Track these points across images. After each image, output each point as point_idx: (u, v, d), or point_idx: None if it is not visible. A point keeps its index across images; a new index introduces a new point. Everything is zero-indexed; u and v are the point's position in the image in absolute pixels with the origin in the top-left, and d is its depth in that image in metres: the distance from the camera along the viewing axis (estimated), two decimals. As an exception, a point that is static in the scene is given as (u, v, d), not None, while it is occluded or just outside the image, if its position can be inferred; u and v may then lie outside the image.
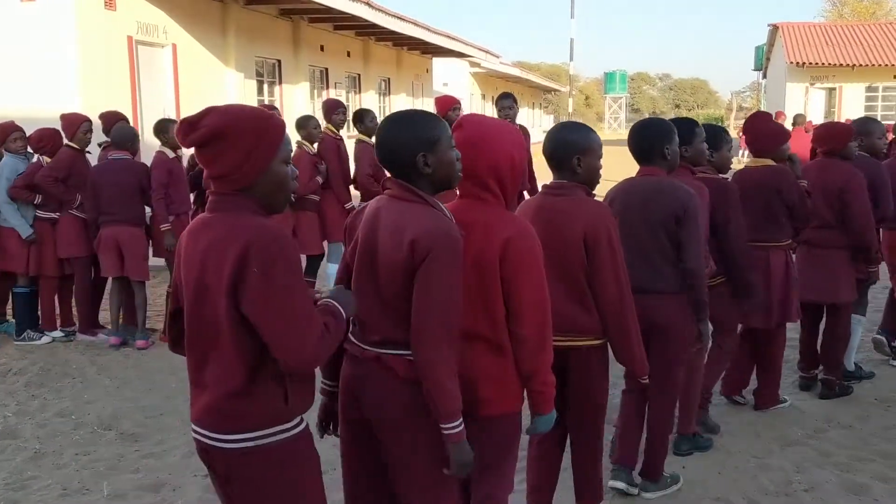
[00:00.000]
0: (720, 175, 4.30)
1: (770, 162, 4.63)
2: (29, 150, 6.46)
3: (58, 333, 6.54)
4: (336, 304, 2.19)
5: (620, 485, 3.75)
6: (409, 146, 2.31)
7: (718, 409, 4.77)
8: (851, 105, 27.55)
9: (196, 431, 2.15)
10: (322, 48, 18.81)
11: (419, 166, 2.31)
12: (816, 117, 25.59)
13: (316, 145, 6.95)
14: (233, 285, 1.98)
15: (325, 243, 7.10)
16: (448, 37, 23.19)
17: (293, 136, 7.07)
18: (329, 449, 2.78)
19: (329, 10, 15.42)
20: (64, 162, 6.29)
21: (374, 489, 2.48)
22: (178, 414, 4.87)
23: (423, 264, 2.22)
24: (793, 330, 5.22)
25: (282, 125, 2.12)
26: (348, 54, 20.53)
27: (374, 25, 17.93)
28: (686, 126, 4.04)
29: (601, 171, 3.12)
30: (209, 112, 2.07)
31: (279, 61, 16.96)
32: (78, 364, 5.98)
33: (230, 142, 2.03)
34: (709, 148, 4.17)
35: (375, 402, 2.35)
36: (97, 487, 3.98)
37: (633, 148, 3.71)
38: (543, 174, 3.86)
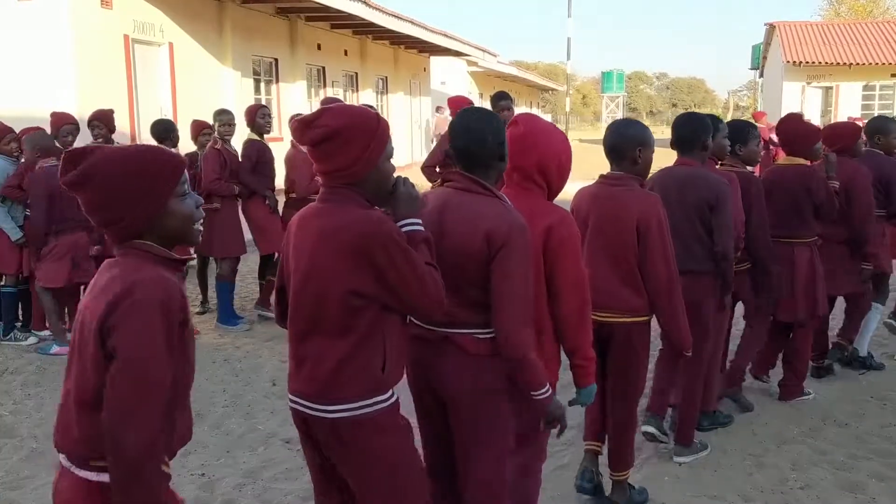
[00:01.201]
0: (746, 168, 4.53)
1: (801, 161, 4.82)
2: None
3: (45, 333, 6.49)
4: (422, 244, 2.32)
5: (651, 429, 4.05)
6: (487, 142, 2.52)
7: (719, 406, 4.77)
8: (848, 104, 27.57)
9: (296, 402, 2.34)
10: (319, 47, 18.80)
11: (494, 161, 2.55)
12: (813, 116, 25.63)
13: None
14: (350, 270, 2.19)
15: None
16: (446, 35, 23.18)
17: (287, 135, 7.09)
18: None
19: (326, 8, 15.41)
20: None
21: (445, 453, 2.68)
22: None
23: (500, 253, 2.42)
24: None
25: (387, 125, 2.32)
26: (345, 53, 20.52)
27: (372, 24, 17.92)
28: (743, 127, 4.50)
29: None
30: (324, 112, 2.25)
31: (276, 60, 16.95)
32: (74, 363, 5.95)
33: (345, 140, 2.22)
34: (737, 142, 4.45)
35: (445, 377, 2.56)
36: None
37: (675, 138, 4.01)
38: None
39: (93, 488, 1.86)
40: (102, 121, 6.80)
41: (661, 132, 22.40)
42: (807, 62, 27.70)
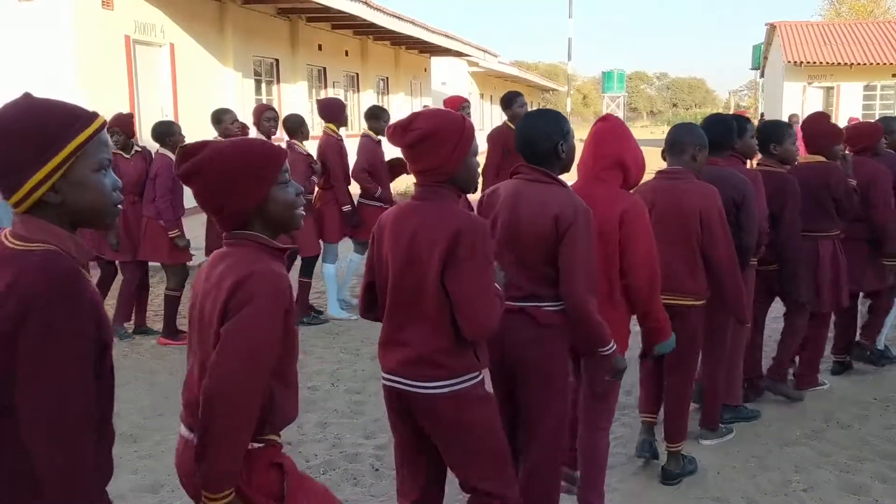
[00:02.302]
0: (782, 167, 4.64)
1: (822, 158, 4.93)
2: None
3: None
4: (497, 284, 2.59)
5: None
6: (551, 137, 2.89)
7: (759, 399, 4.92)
8: (849, 104, 27.55)
9: (391, 380, 2.61)
10: (320, 47, 18.80)
11: (558, 152, 2.91)
12: (814, 116, 25.54)
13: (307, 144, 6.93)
14: (443, 262, 2.43)
15: (322, 243, 7.06)
16: (446, 36, 23.18)
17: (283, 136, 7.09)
18: (328, 450, 2.77)
19: (327, 9, 15.41)
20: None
21: (506, 420, 2.90)
22: (176, 414, 4.81)
23: (567, 233, 2.80)
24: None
25: (472, 126, 2.55)
26: (346, 53, 20.52)
27: (373, 24, 17.92)
28: (779, 127, 4.72)
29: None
30: (417, 116, 2.53)
31: (277, 60, 16.95)
32: (76, 364, 5.95)
33: (439, 141, 2.47)
34: (772, 142, 4.63)
35: (518, 345, 2.91)
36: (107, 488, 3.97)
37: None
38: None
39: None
40: (120, 126, 6.35)
41: (662, 132, 22.33)
42: (808, 62, 27.68)
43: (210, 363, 1.92)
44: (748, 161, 4.64)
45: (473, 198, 3.84)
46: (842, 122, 15.11)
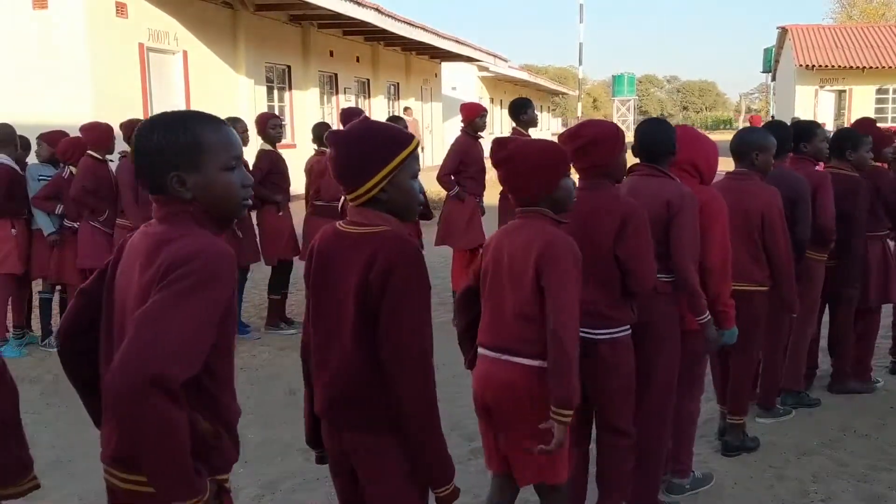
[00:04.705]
0: (855, 172, 4.91)
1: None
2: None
3: None
4: None
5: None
6: (665, 142, 3.45)
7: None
8: (861, 107, 27.40)
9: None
10: (331, 54, 18.87)
11: (669, 154, 3.47)
12: (827, 120, 25.50)
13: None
14: (615, 238, 3.05)
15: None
16: (456, 41, 23.21)
17: (307, 142, 7.10)
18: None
19: (338, 15, 15.47)
20: (89, 172, 6.23)
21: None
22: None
23: (677, 215, 3.30)
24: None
25: (623, 132, 3.19)
26: (357, 59, 20.58)
27: (383, 31, 17.98)
28: (808, 126, 5.08)
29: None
30: (583, 126, 3.20)
31: (289, 67, 17.02)
32: (92, 372, 5.98)
33: (601, 144, 3.12)
34: (847, 148, 4.93)
35: (640, 308, 3.30)
36: (114, 497, 3.99)
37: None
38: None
39: (531, 371, 2.71)
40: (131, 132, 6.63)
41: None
42: (819, 66, 27.60)
43: (555, 306, 2.60)
44: (820, 163, 4.96)
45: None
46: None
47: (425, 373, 2.09)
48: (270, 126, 6.85)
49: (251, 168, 6.85)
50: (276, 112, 15.83)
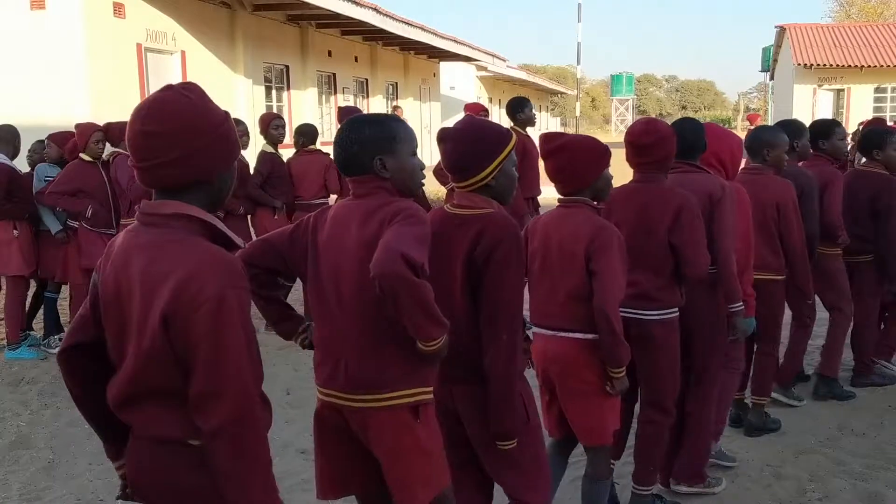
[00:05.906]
0: (884, 170, 5.07)
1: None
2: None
3: None
4: None
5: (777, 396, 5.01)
6: (701, 140, 3.66)
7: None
8: (860, 106, 27.42)
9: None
10: (330, 53, 18.86)
11: (698, 151, 3.67)
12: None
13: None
14: (668, 228, 3.28)
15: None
16: (455, 41, 23.20)
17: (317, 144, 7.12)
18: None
19: (336, 15, 15.46)
20: (73, 174, 6.22)
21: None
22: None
23: (717, 206, 3.47)
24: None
25: (673, 133, 3.47)
26: (356, 59, 20.57)
27: (382, 30, 17.97)
28: (826, 125, 5.26)
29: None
30: (653, 123, 3.44)
31: (287, 67, 17.01)
32: (90, 372, 5.98)
33: (661, 141, 3.37)
34: (875, 148, 5.08)
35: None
36: (111, 497, 3.99)
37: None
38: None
39: (584, 343, 3.00)
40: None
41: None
42: (818, 64, 27.59)
43: (602, 287, 2.88)
44: (837, 161, 5.09)
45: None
46: (852, 126, 15.05)
47: (514, 330, 2.56)
48: (273, 126, 6.86)
49: (252, 170, 6.86)
50: (275, 112, 15.83)
